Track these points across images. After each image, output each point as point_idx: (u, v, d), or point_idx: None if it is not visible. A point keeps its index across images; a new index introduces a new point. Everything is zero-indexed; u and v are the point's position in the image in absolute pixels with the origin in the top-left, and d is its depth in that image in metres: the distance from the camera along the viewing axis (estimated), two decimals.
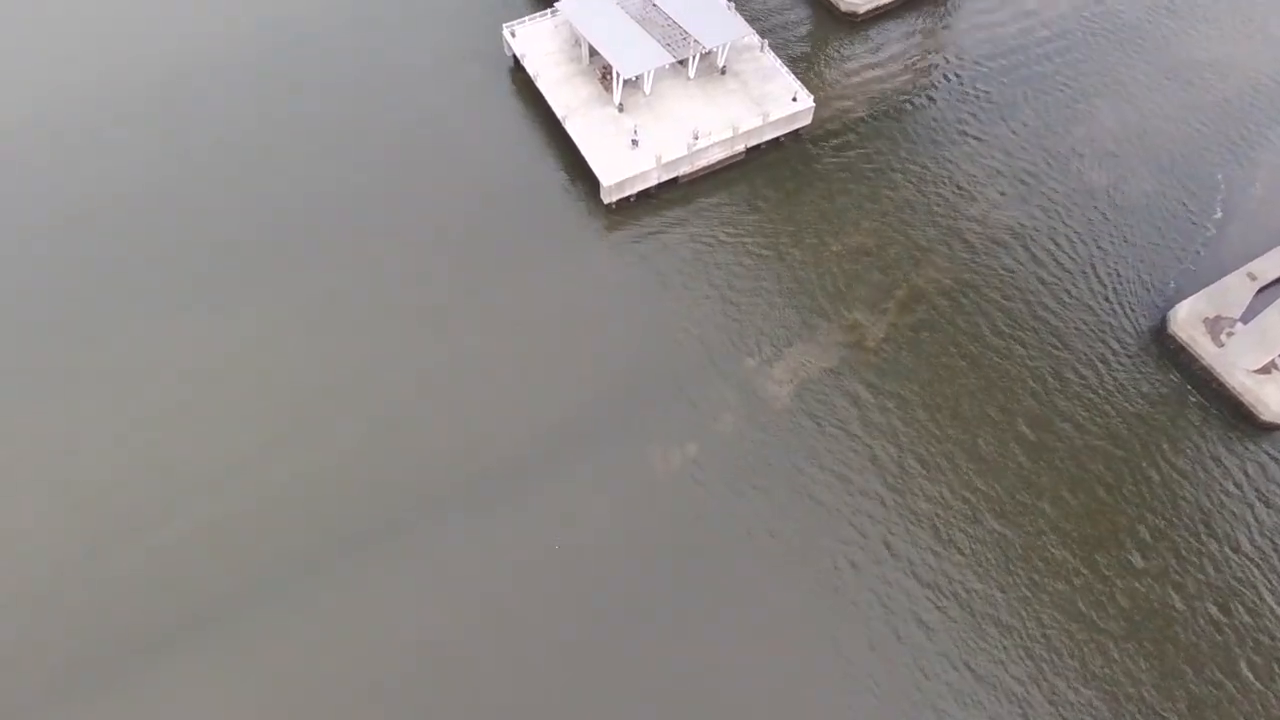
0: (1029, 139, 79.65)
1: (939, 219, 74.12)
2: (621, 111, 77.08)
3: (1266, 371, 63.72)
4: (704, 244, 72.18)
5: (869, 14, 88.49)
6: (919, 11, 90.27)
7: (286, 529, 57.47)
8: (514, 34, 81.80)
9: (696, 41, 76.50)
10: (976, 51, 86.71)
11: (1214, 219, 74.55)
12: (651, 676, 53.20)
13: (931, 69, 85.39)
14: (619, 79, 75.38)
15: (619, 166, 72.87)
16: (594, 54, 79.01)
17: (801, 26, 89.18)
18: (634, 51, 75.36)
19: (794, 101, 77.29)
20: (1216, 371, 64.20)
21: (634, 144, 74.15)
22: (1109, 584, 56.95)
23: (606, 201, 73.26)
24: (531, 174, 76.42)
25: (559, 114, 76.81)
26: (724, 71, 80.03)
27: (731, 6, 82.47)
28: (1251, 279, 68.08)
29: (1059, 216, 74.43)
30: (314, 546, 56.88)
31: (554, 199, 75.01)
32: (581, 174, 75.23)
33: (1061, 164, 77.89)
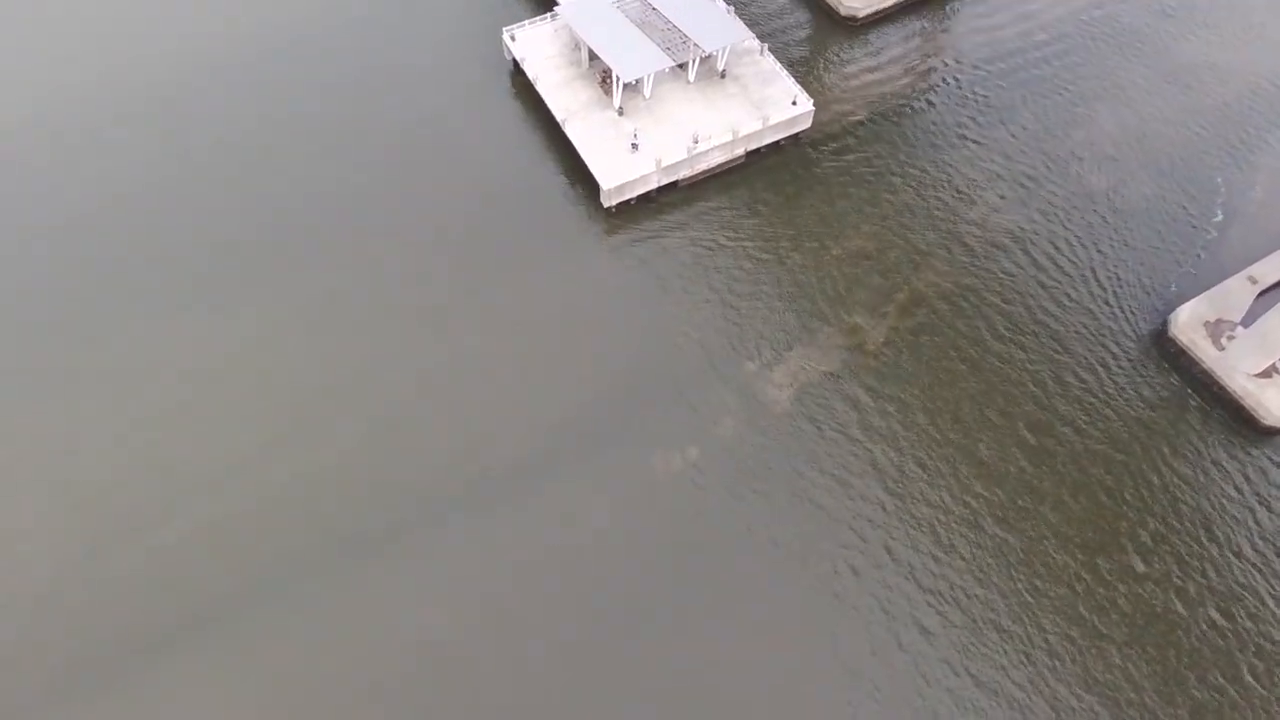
0: (1028, 143, 79.66)
1: (939, 223, 74.07)
2: (621, 115, 77.04)
3: (1267, 375, 63.62)
4: (704, 247, 72.08)
5: (868, 18, 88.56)
6: (918, 15, 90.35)
7: (286, 529, 57.39)
8: (514, 38, 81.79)
9: (696, 45, 76.50)
10: (976, 55, 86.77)
11: (1214, 222, 74.53)
12: (651, 677, 52.99)
13: (931, 73, 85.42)
14: (619, 83, 75.35)
15: (619, 170, 72.80)
16: (594, 58, 78.99)
17: (801, 30, 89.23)
18: (634, 55, 75.35)
19: (794, 105, 77.28)
20: (1217, 375, 64.11)
21: (634, 147, 74.10)
22: (1110, 589, 56.78)
23: (606, 205, 73.19)
24: (531, 177, 76.35)
25: (559, 117, 76.76)
26: (724, 75, 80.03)
27: (731, 10, 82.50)
28: (1252, 282, 68.03)
29: (1059, 220, 74.39)
30: (314, 546, 56.81)
31: (554, 202, 74.94)
32: (581, 177, 75.15)
33: (1061, 168, 77.89)
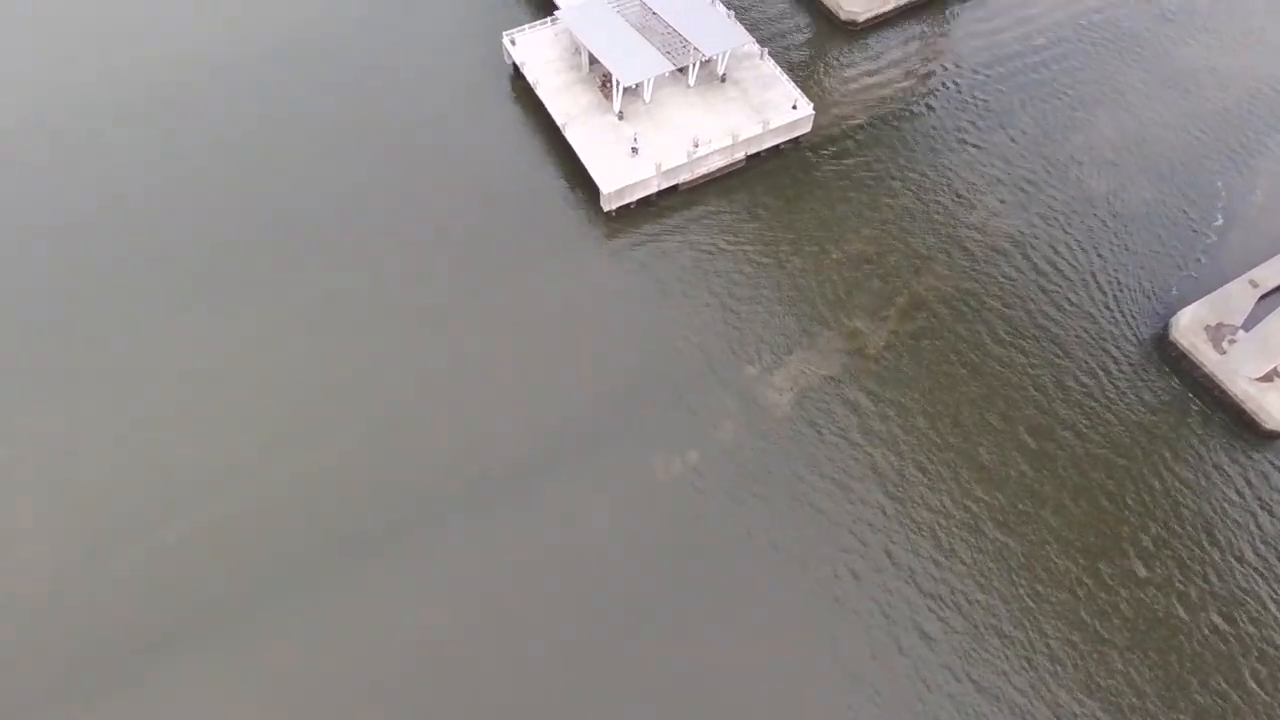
0: (1028, 147, 79.67)
1: (939, 227, 74.02)
2: (621, 119, 77.05)
3: (1269, 379, 63.49)
4: (704, 251, 72.03)
5: (868, 22, 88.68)
6: (918, 20, 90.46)
7: (286, 529, 57.45)
8: (514, 42, 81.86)
9: (696, 49, 76.56)
10: (975, 60, 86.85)
11: (1215, 226, 74.50)
12: (651, 678, 52.87)
13: (931, 77, 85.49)
14: (619, 87, 75.38)
15: (619, 174, 72.79)
16: (594, 62, 79.05)
17: (801, 34, 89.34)
18: (634, 59, 75.40)
19: (794, 109, 77.31)
20: (1218, 379, 63.99)
21: (634, 151, 74.10)
22: (1112, 593, 56.58)
23: (606, 209, 73.15)
24: (531, 181, 76.35)
25: (559, 121, 76.78)
26: (724, 79, 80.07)
27: (731, 15, 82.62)
28: (1253, 286, 67.95)
29: (1059, 224, 74.35)
30: (314, 546, 56.86)
31: (553, 205, 74.91)
32: (581, 181, 75.13)
33: (1061, 172, 77.88)
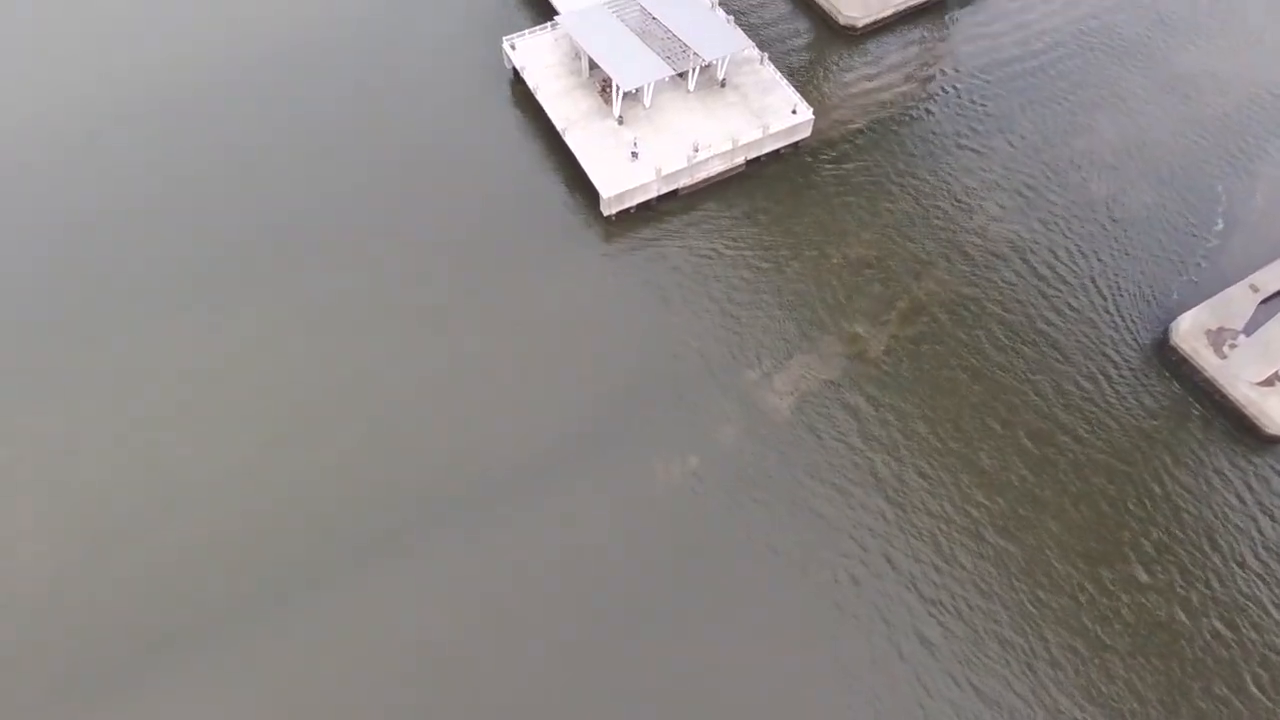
0: (1027, 151, 79.63)
1: (938, 231, 73.97)
2: (621, 124, 77.09)
3: (1270, 384, 63.35)
4: (704, 256, 71.99)
5: (868, 27, 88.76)
6: (917, 25, 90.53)
7: (286, 529, 57.49)
8: (514, 47, 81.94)
9: (696, 54, 76.62)
10: (975, 64, 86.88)
11: (1215, 230, 74.41)
12: (650, 682, 52.80)
13: (930, 82, 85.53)
14: (619, 91, 75.43)
15: (619, 178, 72.79)
16: (594, 67, 79.12)
17: (800, 39, 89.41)
18: (634, 64, 75.46)
19: (793, 114, 77.34)
20: (1219, 384, 63.85)
21: (634, 156, 74.11)
22: (1114, 599, 56.39)
23: (606, 213, 73.14)
24: (531, 186, 76.37)
25: (559, 126, 76.81)
26: (724, 84, 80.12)
27: (731, 19, 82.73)
28: (1254, 290, 67.83)
29: (1059, 229, 74.29)
30: (314, 546, 56.90)
31: (553, 210, 74.91)
32: (581, 186, 75.14)
33: (1061, 177, 77.84)
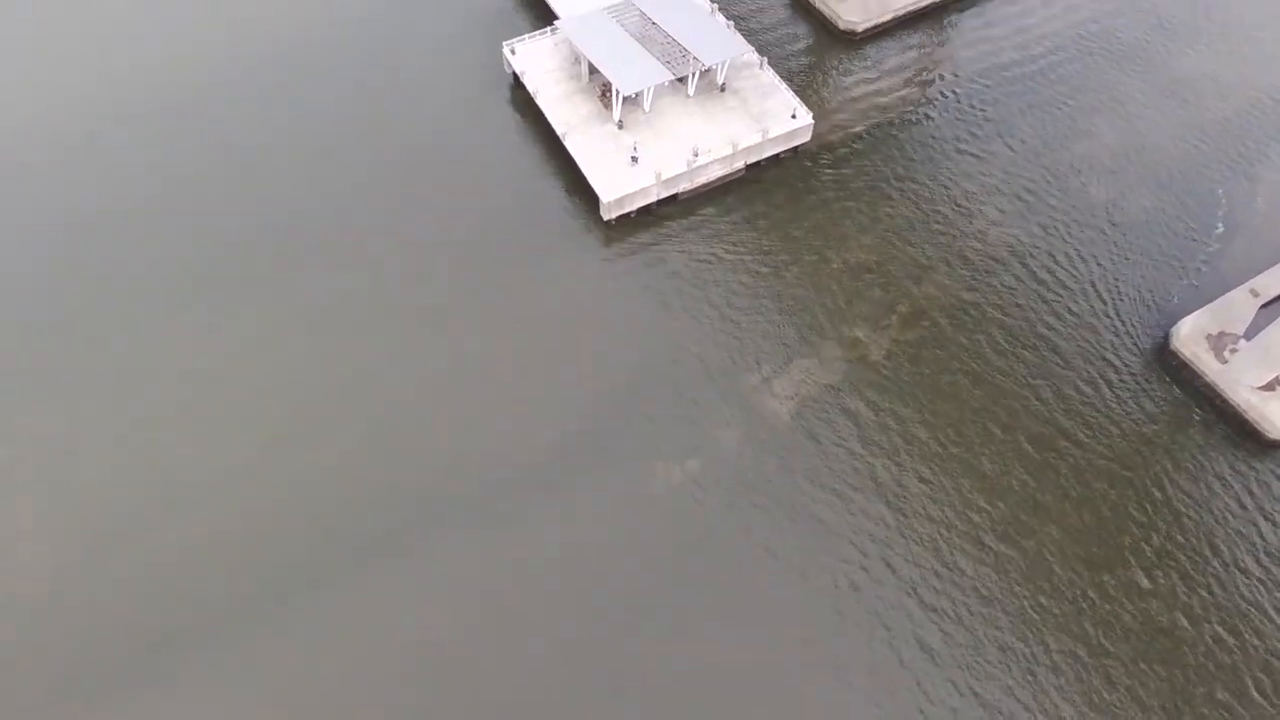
0: (1027, 156, 79.63)
1: (938, 236, 73.91)
2: (621, 128, 77.09)
3: (1271, 389, 63.22)
4: (703, 261, 71.91)
5: (867, 32, 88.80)
6: (917, 30, 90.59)
7: (286, 529, 57.51)
8: (514, 51, 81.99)
9: (696, 59, 76.63)
10: (974, 69, 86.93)
11: (1215, 234, 74.35)
12: (649, 688, 52.69)
13: (929, 86, 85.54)
14: (619, 96, 75.43)
15: (618, 183, 72.76)
16: (594, 71, 79.14)
17: (800, 44, 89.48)
18: (633, 69, 75.48)
19: (793, 118, 77.33)
20: (1220, 388, 63.71)
21: (634, 161, 74.09)
22: (1115, 605, 56.18)
23: (606, 218, 73.09)
24: (531, 190, 76.34)
25: (559, 131, 76.81)
26: (723, 89, 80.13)
27: (731, 24, 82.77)
28: (1254, 295, 67.73)
29: (1059, 234, 74.22)
30: (314, 546, 56.92)
31: (553, 214, 74.87)
32: (581, 190, 75.10)
33: (1060, 181, 77.80)
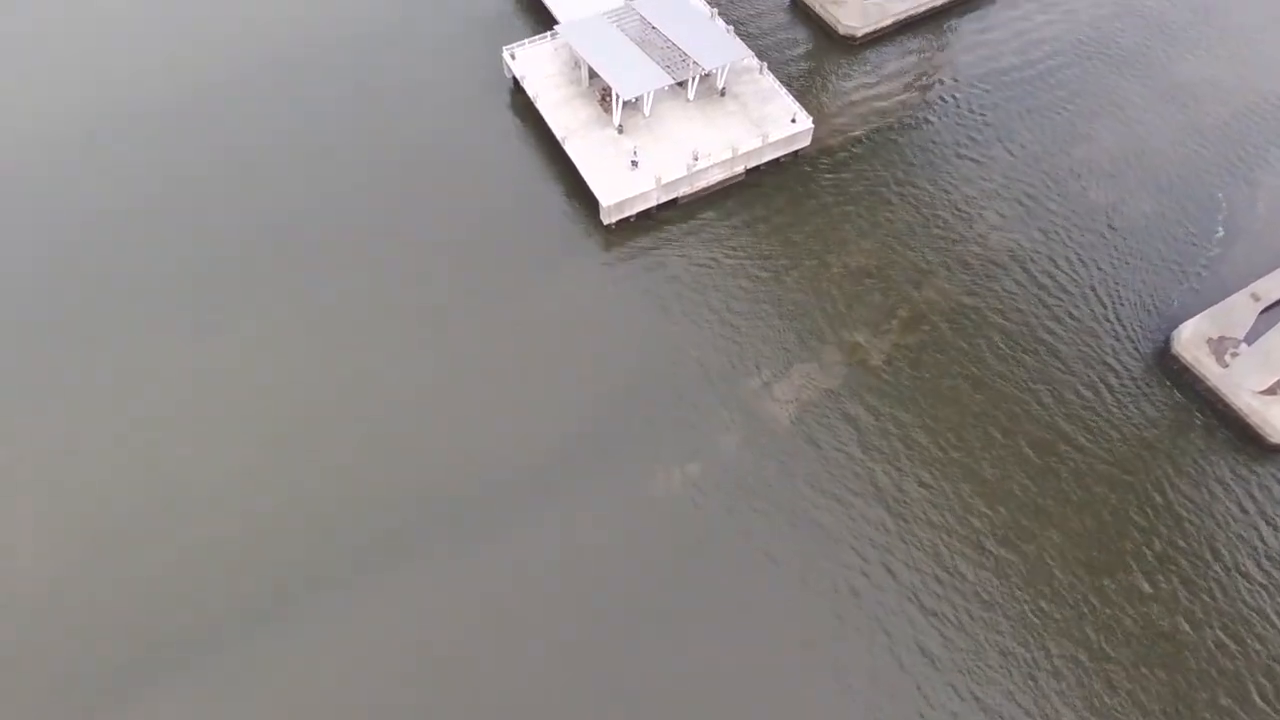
0: (1027, 160, 79.64)
1: (939, 241, 73.87)
2: (621, 133, 77.14)
3: (1272, 393, 63.09)
4: (703, 265, 71.87)
5: (867, 37, 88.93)
6: (917, 34, 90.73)
7: (286, 529, 57.53)
8: (514, 56, 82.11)
9: (696, 63, 76.73)
10: (974, 74, 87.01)
11: (1216, 238, 74.28)
12: (647, 695, 52.47)
13: (929, 91, 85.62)
14: (618, 100, 75.50)
15: (618, 187, 72.77)
16: (593, 76, 79.24)
17: (800, 49, 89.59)
18: (633, 73, 75.56)
19: (793, 123, 77.37)
20: (1222, 393, 63.57)
21: (633, 165, 74.12)
22: (1116, 610, 55.96)
23: (606, 222, 73.08)
24: (531, 195, 76.35)
25: (558, 135, 76.86)
26: (723, 93, 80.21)
27: (730, 29, 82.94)
28: (1255, 299, 67.65)
29: (1059, 238, 74.17)
30: (314, 547, 56.92)
31: (553, 219, 74.86)
32: (581, 195, 75.11)
33: (1060, 185, 77.79)
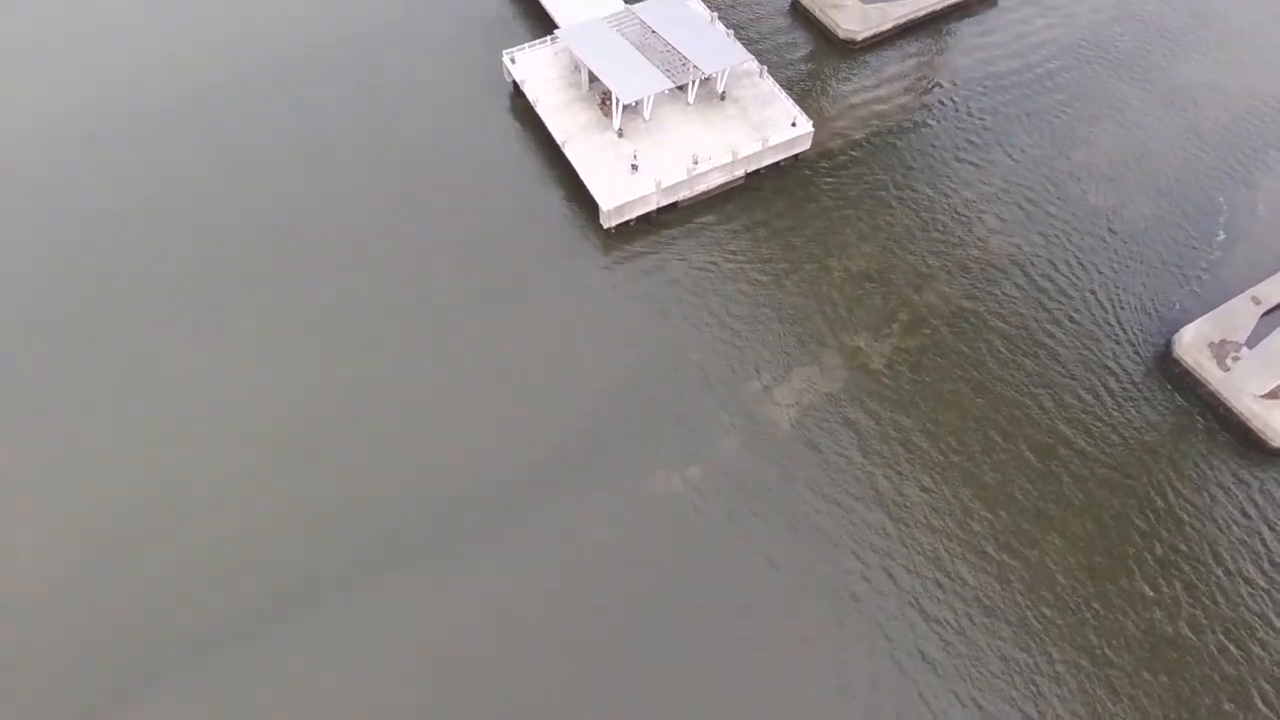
0: (1027, 164, 79.57)
1: (938, 244, 73.76)
2: (621, 137, 77.10)
3: (1274, 396, 62.93)
4: (703, 269, 71.77)
5: (867, 41, 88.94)
6: (916, 38, 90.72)
7: (286, 529, 57.61)
8: (514, 60, 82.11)
9: (696, 67, 76.72)
10: (973, 77, 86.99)
11: (1216, 242, 74.19)
12: (646, 699, 52.36)
13: (929, 94, 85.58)
14: (618, 104, 75.48)
15: (618, 191, 72.71)
16: (593, 80, 79.22)
17: (800, 53, 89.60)
18: (633, 77, 75.55)
19: (793, 127, 77.34)
20: (1223, 396, 63.41)
21: (633, 169, 74.07)
22: (1118, 615, 55.73)
23: (606, 226, 73.01)
24: (531, 199, 76.31)
25: (558, 139, 76.83)
26: (723, 97, 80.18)
27: (730, 33, 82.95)
28: (1256, 303, 67.56)
29: (1059, 242, 74.08)
30: (314, 546, 57.05)
31: (553, 223, 74.79)
32: (581, 198, 75.06)
33: (1060, 189, 77.72)
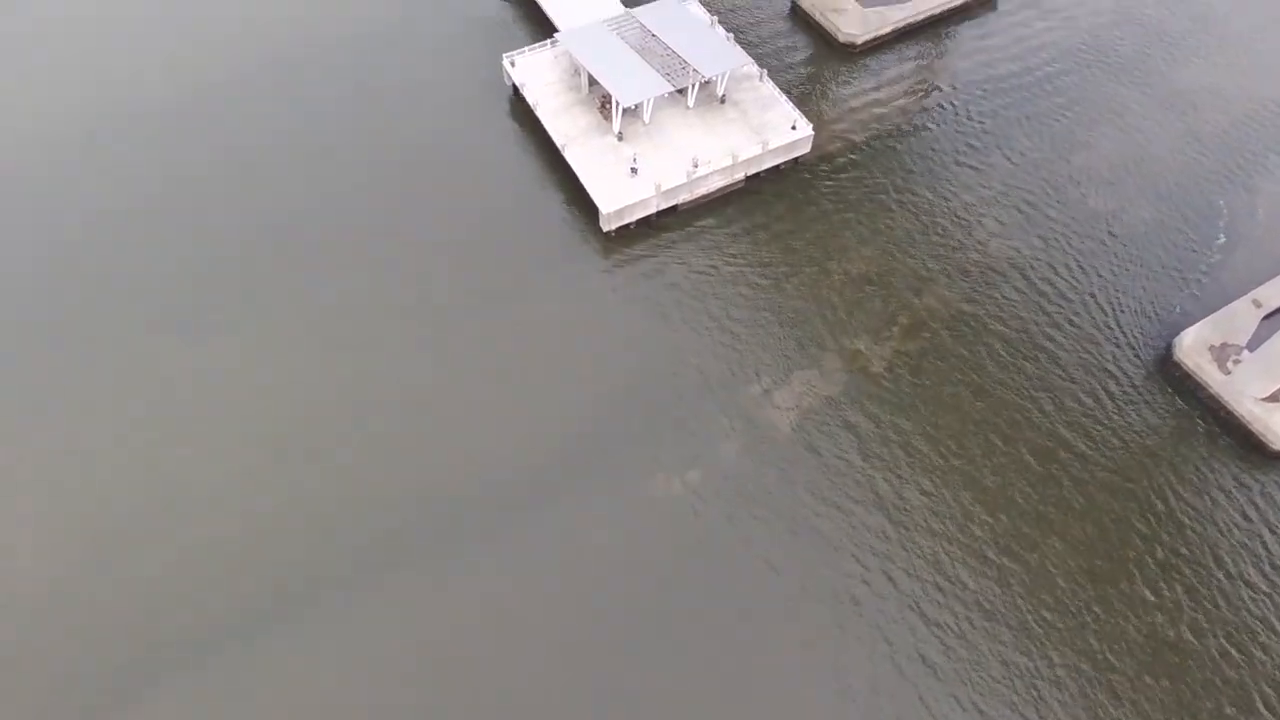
0: (1027, 168, 79.56)
1: (939, 247, 73.74)
2: (621, 140, 77.13)
3: (1275, 399, 62.84)
4: (703, 272, 71.75)
5: (867, 44, 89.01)
6: (916, 42, 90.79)
7: (286, 529, 57.58)
8: (513, 63, 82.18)
9: (695, 70, 76.76)
10: (973, 81, 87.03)
11: (1217, 245, 74.13)
12: (645, 701, 52.33)
13: (929, 98, 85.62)
14: (618, 108, 75.52)
15: (618, 194, 72.70)
16: (593, 83, 79.28)
17: (800, 56, 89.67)
18: (633, 81, 75.59)
19: (793, 130, 77.36)
20: (1224, 400, 63.32)
21: (633, 172, 74.08)
22: (1119, 619, 55.59)
23: (606, 229, 72.99)
24: (530, 202, 76.32)
25: (558, 143, 76.86)
26: (723, 100, 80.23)
27: (730, 36, 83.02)
28: (1256, 305, 67.50)
29: (1059, 245, 74.04)
30: (314, 547, 57.02)
31: (553, 226, 74.79)
32: (581, 202, 75.06)
33: (1060, 193, 77.71)
